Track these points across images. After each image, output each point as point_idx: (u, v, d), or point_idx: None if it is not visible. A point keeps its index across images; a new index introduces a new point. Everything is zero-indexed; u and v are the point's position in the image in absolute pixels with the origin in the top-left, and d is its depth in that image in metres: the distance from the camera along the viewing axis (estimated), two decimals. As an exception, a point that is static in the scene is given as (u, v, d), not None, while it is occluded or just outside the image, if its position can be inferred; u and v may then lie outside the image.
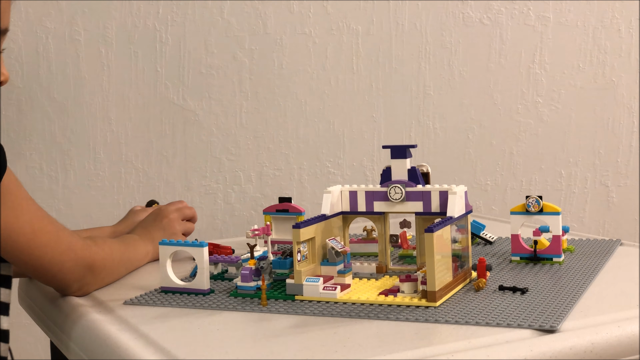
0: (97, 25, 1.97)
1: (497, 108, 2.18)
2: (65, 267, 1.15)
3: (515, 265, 1.32)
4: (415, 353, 0.89)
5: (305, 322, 1.03)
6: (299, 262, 1.12)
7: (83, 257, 1.17)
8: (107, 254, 1.23)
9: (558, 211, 1.32)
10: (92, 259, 1.18)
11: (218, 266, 1.33)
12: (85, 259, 1.17)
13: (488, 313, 1.02)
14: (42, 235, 1.12)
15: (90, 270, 1.18)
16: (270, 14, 2.05)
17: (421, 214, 1.22)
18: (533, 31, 2.18)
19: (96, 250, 1.20)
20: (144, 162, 2.02)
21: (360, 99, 2.12)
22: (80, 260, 1.16)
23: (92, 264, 1.18)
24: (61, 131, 1.97)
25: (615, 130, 2.23)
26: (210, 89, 2.04)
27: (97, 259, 1.19)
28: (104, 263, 1.21)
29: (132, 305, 1.14)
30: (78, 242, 1.17)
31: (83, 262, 1.17)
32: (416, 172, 1.23)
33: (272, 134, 2.08)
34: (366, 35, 2.11)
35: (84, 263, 1.17)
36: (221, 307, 1.10)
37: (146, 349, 0.94)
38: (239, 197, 2.07)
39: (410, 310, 1.04)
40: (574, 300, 1.07)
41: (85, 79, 1.97)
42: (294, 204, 1.47)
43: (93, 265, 1.18)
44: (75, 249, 1.16)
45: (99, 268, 1.20)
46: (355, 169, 2.13)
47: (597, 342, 0.93)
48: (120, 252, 1.28)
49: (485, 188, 2.19)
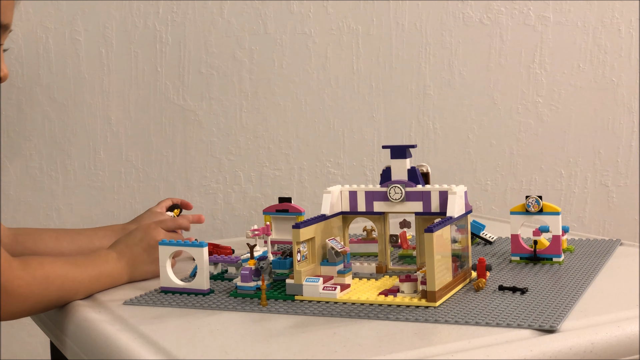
0: (97, 25, 1.97)
1: (497, 108, 2.18)
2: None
3: (515, 265, 1.32)
4: (415, 353, 0.89)
5: (305, 322, 1.03)
6: (299, 262, 1.12)
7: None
8: (37, 278, 1.12)
9: (558, 211, 1.32)
10: (8, 283, 1.08)
11: (218, 266, 1.33)
12: (1, 282, 1.08)
13: (488, 313, 1.02)
14: None
15: (8, 295, 1.09)
16: (270, 14, 2.05)
17: (421, 214, 1.22)
18: (533, 31, 2.18)
19: (19, 275, 1.10)
20: (144, 162, 2.02)
21: (360, 99, 2.12)
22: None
23: (8, 289, 1.08)
24: (61, 131, 1.97)
25: (615, 130, 2.23)
26: (210, 89, 2.04)
27: (17, 284, 1.10)
28: (30, 290, 1.11)
29: (132, 306, 1.14)
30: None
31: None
32: (416, 172, 1.23)
33: (272, 134, 2.08)
34: (366, 35, 2.11)
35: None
36: (221, 307, 1.10)
37: (146, 349, 0.94)
38: (239, 197, 2.07)
39: (410, 310, 1.04)
40: (573, 300, 1.07)
41: (85, 79, 1.97)
42: (293, 204, 1.47)
43: (9, 290, 1.08)
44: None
45: (20, 295, 1.10)
46: (355, 169, 2.13)
47: (597, 342, 0.93)
48: (64, 274, 1.17)
49: (485, 188, 2.19)
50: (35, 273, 1.12)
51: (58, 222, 1.97)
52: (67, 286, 1.17)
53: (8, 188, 1.94)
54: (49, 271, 1.15)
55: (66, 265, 1.18)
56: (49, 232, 1.45)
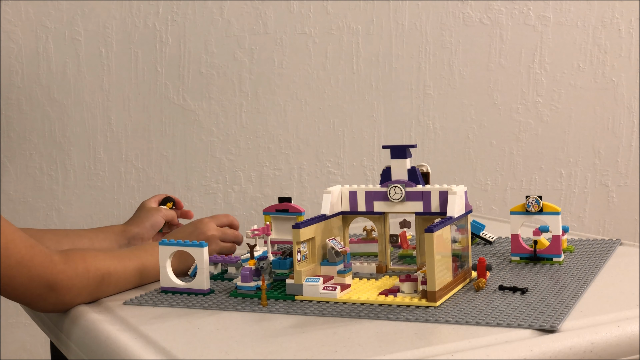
0: (97, 25, 1.97)
1: (497, 108, 2.18)
2: (17, 283, 1.08)
3: (515, 265, 1.31)
4: (415, 353, 0.89)
5: (305, 322, 1.02)
6: (299, 262, 1.12)
7: (40, 275, 1.08)
8: (79, 272, 1.13)
9: (558, 211, 1.32)
10: (53, 278, 1.10)
11: (218, 266, 1.33)
12: (44, 276, 1.09)
13: (488, 313, 1.02)
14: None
15: (52, 289, 1.10)
16: (270, 14, 2.05)
17: (421, 214, 1.22)
18: (533, 31, 2.18)
19: (62, 269, 1.11)
20: (144, 162, 2.02)
21: (360, 99, 2.12)
22: (37, 278, 1.08)
23: (53, 283, 1.10)
24: (61, 131, 1.97)
25: (615, 130, 2.23)
26: (210, 89, 2.04)
27: (62, 278, 1.10)
28: (72, 282, 1.11)
29: (132, 306, 1.14)
30: (37, 259, 1.08)
31: (40, 279, 1.08)
32: (416, 172, 1.23)
33: (272, 134, 2.08)
34: (366, 35, 2.11)
35: (41, 281, 1.09)
36: (221, 307, 1.10)
37: (146, 349, 0.94)
38: (239, 197, 2.07)
39: (410, 310, 1.04)
40: (574, 300, 1.07)
41: (85, 79, 1.97)
42: (293, 204, 1.47)
43: (54, 285, 1.10)
44: (29, 266, 1.08)
45: (64, 288, 1.11)
46: (355, 169, 2.13)
47: (597, 342, 0.93)
48: (105, 269, 1.17)
49: (485, 188, 2.19)
50: (77, 266, 1.13)
51: (58, 222, 1.97)
52: (108, 279, 1.17)
53: (8, 188, 1.94)
54: (90, 264, 1.15)
55: (108, 259, 1.18)
56: (49, 234, 1.45)
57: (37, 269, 1.08)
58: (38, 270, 1.08)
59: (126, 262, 1.21)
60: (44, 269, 1.09)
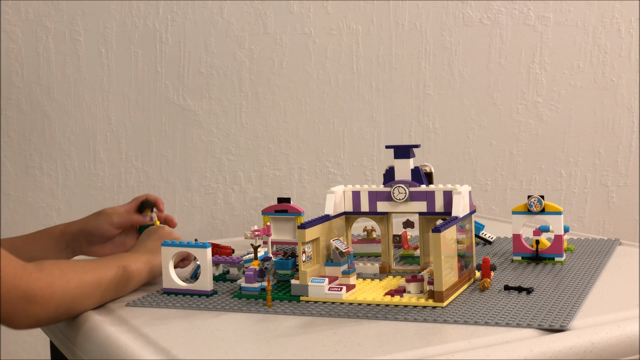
0: (97, 25, 1.96)
1: (497, 108, 2.18)
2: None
3: (517, 265, 1.32)
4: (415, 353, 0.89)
5: (311, 322, 1.02)
6: (304, 262, 1.12)
7: (15, 286, 1.00)
8: (56, 278, 1.05)
9: (560, 211, 1.32)
10: (28, 287, 1.01)
11: (219, 267, 1.32)
12: (19, 288, 1.00)
13: (496, 313, 1.02)
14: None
15: (28, 300, 1.01)
16: (270, 14, 2.05)
17: (425, 214, 1.21)
18: (533, 31, 2.18)
19: (37, 277, 1.03)
20: (144, 162, 2.02)
21: (360, 99, 2.12)
22: (12, 290, 1.00)
23: (28, 293, 1.01)
24: (61, 131, 1.96)
25: (615, 130, 2.24)
26: (210, 89, 2.04)
27: (38, 286, 1.02)
28: (52, 290, 1.04)
29: (134, 307, 1.13)
30: (9, 270, 1.00)
31: (16, 291, 1.00)
32: (420, 172, 1.23)
33: (272, 134, 2.08)
34: (366, 35, 2.10)
35: (17, 293, 1.00)
36: (226, 308, 1.10)
37: (149, 351, 0.94)
38: (239, 197, 2.07)
39: (418, 311, 1.04)
40: (580, 299, 1.07)
41: (85, 79, 1.97)
42: (292, 204, 1.46)
43: (30, 295, 1.01)
44: (1, 276, 0.99)
45: (42, 297, 1.02)
46: (355, 169, 2.12)
47: (597, 342, 0.93)
48: (82, 274, 1.09)
49: (485, 188, 2.19)
50: (52, 272, 1.05)
51: (58, 222, 1.96)
52: (86, 286, 1.10)
53: (8, 188, 1.94)
54: (66, 269, 1.08)
55: (80, 266, 1.12)
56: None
57: (9, 279, 1.00)
58: (9, 281, 1.00)
59: (107, 271, 1.14)
60: (15, 280, 1.00)
